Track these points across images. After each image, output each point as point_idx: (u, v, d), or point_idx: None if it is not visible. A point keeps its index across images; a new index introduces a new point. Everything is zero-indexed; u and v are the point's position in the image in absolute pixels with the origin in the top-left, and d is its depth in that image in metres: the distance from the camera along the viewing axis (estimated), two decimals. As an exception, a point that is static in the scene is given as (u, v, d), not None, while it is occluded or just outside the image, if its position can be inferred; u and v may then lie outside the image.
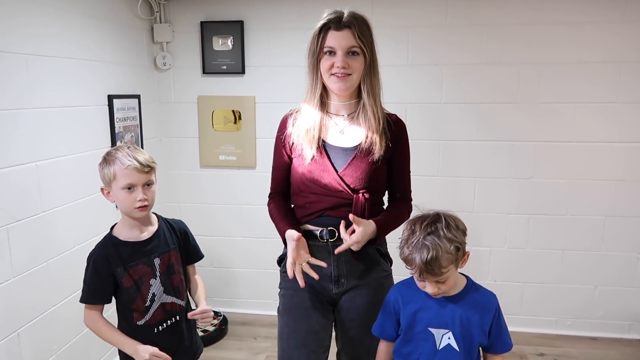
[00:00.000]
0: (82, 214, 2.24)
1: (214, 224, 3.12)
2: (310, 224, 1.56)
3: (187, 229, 1.72)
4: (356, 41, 1.45)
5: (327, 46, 1.46)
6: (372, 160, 1.51)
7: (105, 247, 1.55)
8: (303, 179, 1.54)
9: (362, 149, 1.51)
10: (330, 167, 1.51)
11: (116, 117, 2.50)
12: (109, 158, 1.52)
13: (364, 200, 1.50)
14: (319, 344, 1.56)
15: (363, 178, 1.50)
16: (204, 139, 3.03)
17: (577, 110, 2.74)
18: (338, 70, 1.46)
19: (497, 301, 1.40)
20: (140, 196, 1.50)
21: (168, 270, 1.60)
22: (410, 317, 1.40)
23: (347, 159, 1.52)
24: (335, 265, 1.54)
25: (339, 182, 1.50)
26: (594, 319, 2.93)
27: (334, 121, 1.56)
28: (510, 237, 2.92)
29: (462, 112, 2.82)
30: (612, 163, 2.76)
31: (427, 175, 2.88)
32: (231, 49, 2.89)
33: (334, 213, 1.52)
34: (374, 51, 1.52)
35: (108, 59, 2.47)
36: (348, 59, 1.45)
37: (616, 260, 2.85)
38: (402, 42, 2.79)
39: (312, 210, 1.54)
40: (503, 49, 2.73)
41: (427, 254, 1.27)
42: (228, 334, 2.93)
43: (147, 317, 1.56)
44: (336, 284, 1.54)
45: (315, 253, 1.53)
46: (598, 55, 2.67)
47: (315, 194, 1.53)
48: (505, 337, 1.40)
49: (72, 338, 2.20)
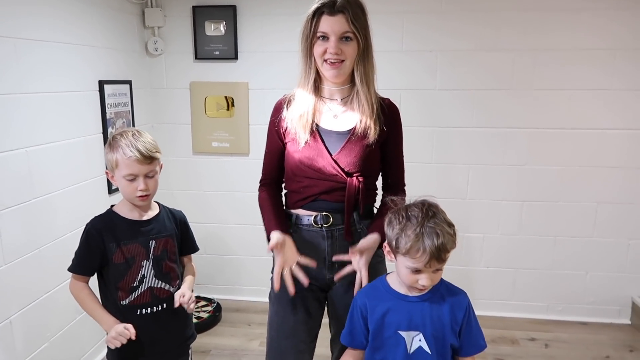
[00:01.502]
0: (74, 200, 2.22)
1: (207, 211, 3.11)
2: (304, 209, 1.55)
3: (187, 220, 1.72)
4: (349, 26, 1.42)
5: (320, 31, 1.43)
6: (367, 143, 1.50)
7: (103, 220, 1.55)
8: (297, 163, 1.52)
9: (356, 132, 1.50)
10: (325, 150, 1.50)
11: (107, 103, 2.47)
12: (113, 144, 1.51)
13: (357, 184, 1.49)
14: (308, 333, 1.57)
15: (357, 161, 1.49)
16: (197, 126, 3.00)
17: (571, 97, 2.74)
18: (331, 57, 1.44)
19: (468, 299, 1.35)
20: (141, 186, 1.50)
21: (162, 254, 1.59)
22: (379, 321, 1.33)
23: (341, 143, 1.50)
24: (330, 250, 1.53)
25: (333, 166, 1.49)
26: (585, 304, 2.96)
27: (327, 106, 1.55)
28: (503, 224, 2.93)
29: (457, 99, 2.81)
30: (606, 150, 2.77)
31: (421, 162, 2.88)
32: (224, 34, 2.85)
33: (329, 197, 1.51)
34: (369, 36, 1.49)
35: (98, 44, 2.43)
36: (341, 44, 1.43)
37: (607, 246, 2.88)
38: (396, 28, 2.76)
39: (306, 194, 1.53)
40: (498, 35, 2.71)
41: (437, 239, 1.21)
42: (222, 321, 2.94)
43: (132, 298, 1.54)
44: (330, 269, 1.53)
45: (309, 238, 1.53)
46: (593, 41, 2.67)
47: (309, 178, 1.52)
48: (477, 338, 1.34)
49: (65, 325, 2.20)
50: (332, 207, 1.51)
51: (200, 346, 2.65)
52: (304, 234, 1.54)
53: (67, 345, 2.22)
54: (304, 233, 1.54)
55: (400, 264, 1.29)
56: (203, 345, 2.66)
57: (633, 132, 2.74)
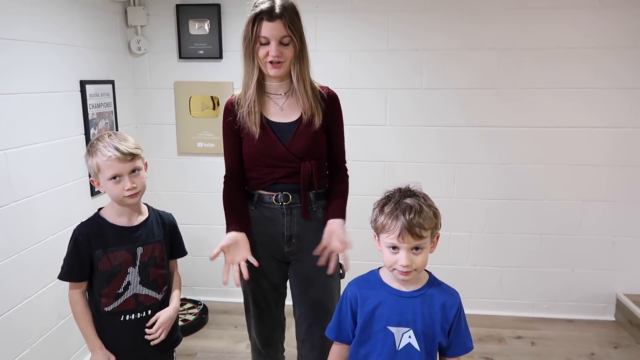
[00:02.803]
0: (55, 203, 2.18)
1: (193, 212, 3.08)
2: (265, 190, 1.72)
3: (176, 223, 1.70)
4: (287, 31, 1.56)
5: (262, 36, 1.57)
6: (313, 130, 1.68)
7: (89, 226, 1.52)
8: (254, 155, 1.69)
9: (303, 122, 1.68)
10: (277, 141, 1.67)
11: (89, 103, 2.43)
12: (91, 149, 1.49)
13: (310, 167, 1.68)
14: (277, 296, 1.82)
15: (307, 147, 1.68)
16: (182, 126, 2.96)
17: (556, 95, 2.75)
18: (273, 59, 1.58)
19: (460, 299, 1.35)
20: (127, 185, 1.47)
21: (149, 261, 1.56)
22: (369, 315, 1.33)
23: (291, 133, 1.68)
24: (288, 226, 1.71)
25: (286, 154, 1.66)
26: (571, 301, 2.98)
27: (273, 100, 1.70)
28: (489, 222, 2.94)
29: (443, 98, 2.81)
30: (591, 148, 2.79)
31: (407, 161, 2.88)
32: (208, 33, 2.82)
33: (287, 180, 1.69)
34: (303, 38, 1.64)
35: (79, 43, 2.38)
36: (281, 47, 1.58)
37: (593, 243, 2.90)
38: (382, 27, 2.75)
39: (266, 179, 1.70)
40: (484, 33, 2.71)
41: (409, 210, 1.24)
42: (208, 323, 2.91)
43: (116, 304, 1.53)
44: (288, 243, 1.73)
45: (270, 215, 1.71)
46: (578, 40, 2.68)
47: (267, 166, 1.69)
48: (465, 339, 1.34)
49: (47, 330, 2.16)
50: (290, 188, 1.69)
51: (186, 349, 2.62)
52: (265, 211, 1.72)
53: (50, 350, 2.17)
54: (265, 210, 1.72)
55: (382, 246, 1.31)
56: (189, 348, 2.63)
57: (617, 130, 2.76)
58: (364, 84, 2.79)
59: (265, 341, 1.87)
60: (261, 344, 1.87)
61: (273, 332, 1.87)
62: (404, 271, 1.28)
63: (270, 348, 1.89)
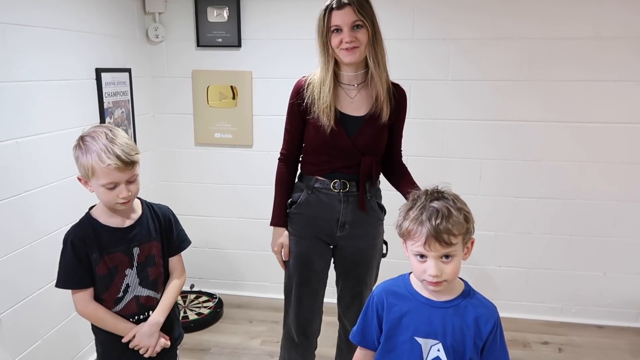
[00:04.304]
0: (67, 195, 2.13)
1: (209, 204, 3.02)
2: (322, 177, 1.77)
3: (173, 216, 1.60)
4: (357, 16, 1.59)
5: (334, 25, 1.62)
6: (379, 125, 1.72)
7: (83, 228, 1.43)
8: (320, 143, 1.72)
9: (371, 116, 1.71)
10: (344, 133, 1.70)
11: (105, 92, 2.38)
12: (84, 147, 1.36)
13: (370, 162, 1.73)
14: (319, 282, 1.86)
15: (371, 143, 1.73)
16: (199, 116, 2.90)
17: (591, 88, 2.58)
18: (347, 45, 1.61)
19: (498, 314, 1.23)
20: (123, 193, 1.37)
21: (147, 261, 1.49)
22: (395, 322, 1.24)
23: (358, 126, 1.71)
24: (344, 212, 1.76)
25: (350, 147, 1.71)
26: (601, 306, 2.83)
27: (345, 91, 1.73)
28: (516, 222, 2.80)
29: (470, 90, 2.67)
30: (628, 145, 2.62)
31: (431, 156, 2.76)
32: (227, 20, 2.74)
33: (345, 170, 1.75)
34: (375, 22, 1.66)
35: (95, 30, 2.33)
36: (353, 32, 1.61)
37: (627, 246, 2.74)
38: (407, 16, 2.62)
39: (325, 167, 1.75)
40: (514, 23, 2.56)
41: (436, 216, 1.13)
42: (223, 317, 2.86)
43: (118, 309, 1.46)
44: (341, 228, 1.78)
45: (326, 200, 1.77)
46: (615, 30, 2.51)
47: (329, 155, 1.73)
48: (501, 359, 1.22)
49: (59, 322, 2.13)
50: (348, 177, 1.75)
51: (199, 343, 2.58)
52: (322, 197, 1.77)
53: (62, 342, 2.15)
54: (322, 195, 1.77)
55: (410, 254, 1.21)
56: (203, 343, 2.58)
57: (657, 127, 2.59)
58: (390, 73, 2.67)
59: (302, 329, 1.88)
60: (297, 331, 1.88)
61: (311, 321, 1.89)
62: (434, 282, 1.17)
63: (306, 339, 1.90)
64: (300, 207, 1.80)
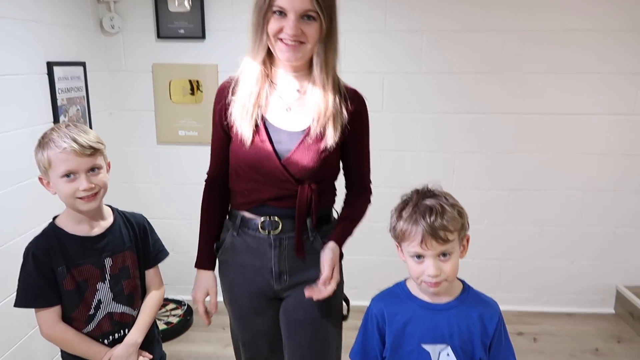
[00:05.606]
0: (20, 201, 1.94)
1: (173, 206, 2.86)
2: (249, 212, 1.35)
3: (149, 224, 1.47)
4: (312, 4, 1.18)
5: (277, 5, 1.19)
6: (324, 147, 1.28)
7: (46, 239, 1.28)
8: (240, 163, 1.32)
9: (312, 133, 1.28)
10: (273, 153, 1.27)
11: (58, 87, 2.17)
12: (43, 141, 1.25)
13: (310, 193, 1.29)
14: (270, 343, 1.44)
15: (311, 168, 1.28)
16: (161, 113, 2.72)
17: (561, 80, 2.62)
18: (288, 37, 1.20)
19: (500, 310, 1.22)
20: (83, 185, 1.23)
21: (121, 273, 1.36)
22: (399, 332, 1.18)
23: (292, 144, 1.28)
24: (277, 260, 1.34)
25: (282, 172, 1.27)
26: (570, 294, 2.90)
27: (278, 94, 1.31)
28: (489, 214, 2.81)
29: (443, 83, 2.64)
30: (595, 136, 2.68)
31: (404, 150, 2.72)
32: (189, 10, 2.57)
33: (277, 204, 1.32)
34: (334, 17, 1.26)
35: (45, 20, 2.12)
36: (301, 24, 1.20)
37: (594, 235, 2.81)
38: (378, 7, 2.55)
39: (252, 198, 1.33)
40: (487, 15, 2.55)
41: (430, 212, 1.11)
42: (194, 325, 2.72)
43: (89, 329, 1.32)
44: (278, 280, 1.36)
45: (254, 245, 1.35)
46: (584, 22, 2.54)
47: (255, 181, 1.31)
48: (508, 354, 1.20)
49: (15, 342, 1.93)
50: (281, 213, 1.32)
51: (171, 355, 2.40)
52: (249, 240, 1.36)
53: (19, 364, 1.96)
54: (248, 239, 1.36)
55: (406, 256, 1.17)
56: (175, 354, 2.44)
57: (620, 118, 2.65)
58: (359, 67, 2.58)
59: None
60: None
61: None
62: (433, 282, 1.13)
63: None
64: (226, 252, 1.41)
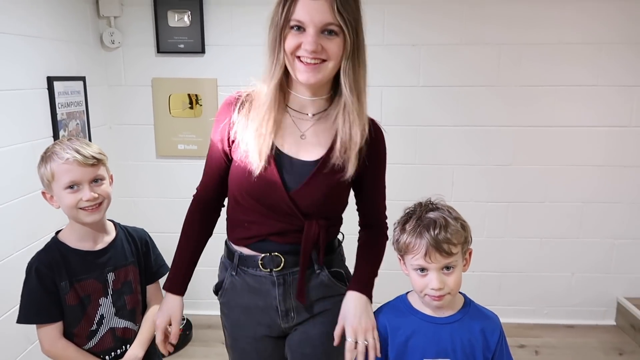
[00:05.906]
0: (20, 216, 1.93)
1: (172, 221, 2.79)
2: (249, 248, 1.24)
3: (150, 239, 1.48)
4: (334, 16, 1.05)
5: (295, 19, 1.07)
6: (339, 180, 1.17)
7: (49, 254, 1.28)
8: (242, 192, 1.20)
9: (328, 164, 1.16)
10: (280, 183, 1.15)
11: (58, 102, 2.18)
12: (45, 155, 1.26)
13: (318, 230, 1.18)
14: None
15: (321, 203, 1.18)
16: (161, 127, 2.73)
17: (557, 93, 2.64)
18: (307, 54, 1.08)
19: (501, 323, 1.23)
20: (87, 195, 1.24)
21: (123, 288, 1.36)
22: (401, 347, 1.18)
23: (304, 176, 1.17)
24: (282, 299, 1.24)
25: (288, 205, 1.16)
26: (570, 306, 2.89)
27: (292, 120, 1.20)
28: (488, 226, 2.81)
29: (441, 96, 2.66)
30: (592, 148, 2.69)
31: (402, 163, 2.72)
32: (189, 25, 2.59)
33: (280, 239, 1.21)
34: (360, 32, 1.12)
35: (46, 35, 2.13)
36: (322, 39, 1.08)
37: (593, 246, 2.81)
38: (376, 21, 2.58)
39: (252, 233, 1.22)
40: (484, 29, 2.58)
41: (434, 225, 1.12)
42: (193, 340, 2.70)
43: (92, 344, 1.32)
44: (285, 318, 1.26)
45: (256, 284, 1.24)
46: (578, 36, 2.57)
47: (257, 213, 1.20)
48: None
49: (13, 359, 1.91)
50: (284, 250, 1.21)
51: (170, 371, 2.40)
52: (249, 279, 1.24)
53: (16, 382, 1.93)
54: (248, 278, 1.24)
55: (409, 269, 1.18)
56: (173, 370, 2.42)
57: (618, 130, 2.66)
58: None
59: None
60: None
61: None
62: (436, 295, 1.13)
63: None
64: (227, 294, 1.30)
